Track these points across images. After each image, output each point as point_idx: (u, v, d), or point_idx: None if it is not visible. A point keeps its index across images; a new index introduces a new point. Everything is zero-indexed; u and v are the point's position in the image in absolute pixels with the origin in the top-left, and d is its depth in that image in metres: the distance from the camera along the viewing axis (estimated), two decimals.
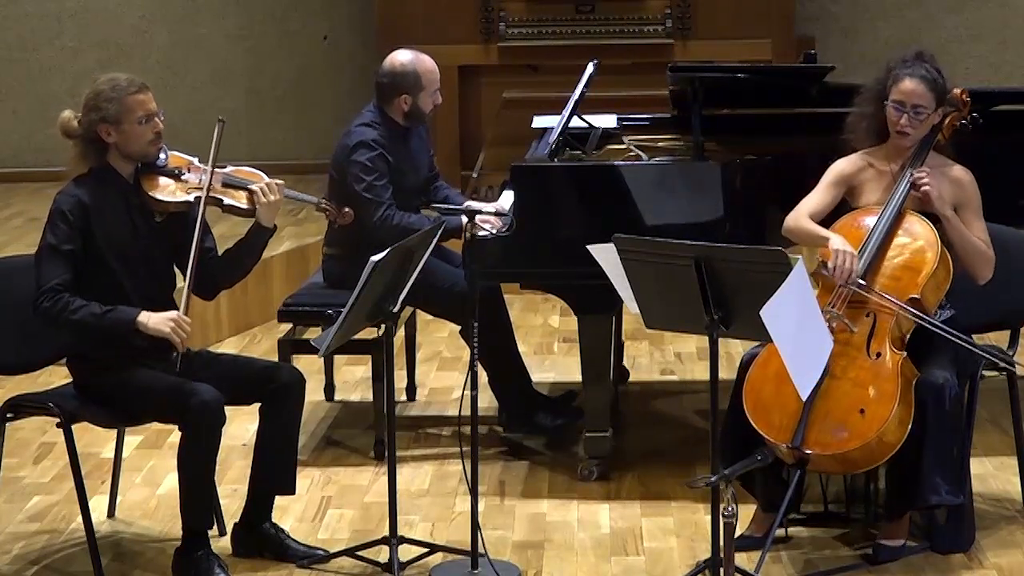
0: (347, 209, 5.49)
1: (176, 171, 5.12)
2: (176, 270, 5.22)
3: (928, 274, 5.01)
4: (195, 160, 5.18)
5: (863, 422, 4.82)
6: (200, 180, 5.11)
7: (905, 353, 4.94)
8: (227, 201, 5.15)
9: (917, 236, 5.08)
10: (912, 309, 4.94)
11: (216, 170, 5.14)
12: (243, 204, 5.17)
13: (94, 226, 4.99)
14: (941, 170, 5.18)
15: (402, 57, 6.28)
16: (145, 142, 5.05)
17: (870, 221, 5.12)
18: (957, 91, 5.28)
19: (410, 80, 6.21)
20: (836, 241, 5.05)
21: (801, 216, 5.21)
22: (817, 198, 5.26)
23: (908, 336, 5.00)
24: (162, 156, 5.11)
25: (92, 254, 4.99)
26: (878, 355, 4.92)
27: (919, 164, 5.15)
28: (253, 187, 5.18)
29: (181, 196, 5.09)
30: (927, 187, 5.06)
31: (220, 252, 5.23)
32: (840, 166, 5.29)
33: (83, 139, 5.05)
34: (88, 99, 5.04)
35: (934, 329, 4.94)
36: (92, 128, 5.02)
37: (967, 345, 4.97)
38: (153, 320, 4.94)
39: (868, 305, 5.00)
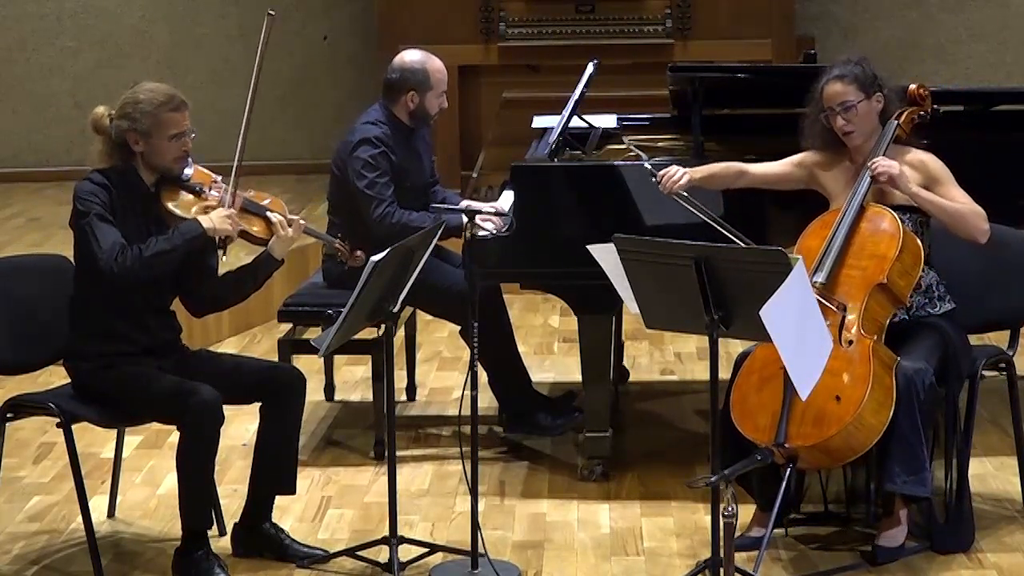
0: (359, 253, 5.36)
1: (198, 187, 5.07)
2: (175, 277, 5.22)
3: (892, 259, 5.04)
4: (219, 179, 5.11)
5: (840, 408, 4.84)
6: (220, 200, 5.05)
7: (877, 337, 4.96)
8: (243, 227, 5.08)
9: (880, 225, 5.12)
10: (863, 311, 4.98)
11: (238, 192, 5.09)
12: (258, 233, 5.12)
13: (116, 218, 4.98)
14: (902, 157, 5.22)
15: (413, 55, 6.30)
16: (170, 159, 5.02)
17: (835, 219, 5.16)
18: (913, 87, 5.34)
19: (419, 77, 6.22)
20: (698, 169, 5.32)
21: (733, 161, 5.41)
22: (772, 165, 5.43)
23: (886, 324, 5.03)
24: (187, 171, 5.07)
25: None
26: (850, 343, 4.95)
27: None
28: (272, 216, 5.13)
29: (197, 215, 5.03)
30: (883, 169, 5.09)
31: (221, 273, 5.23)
32: (809, 153, 5.38)
33: (110, 139, 5.05)
34: (125, 104, 5.01)
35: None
36: (121, 134, 5.01)
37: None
38: (216, 220, 4.97)
39: (836, 296, 5.02)
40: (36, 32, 10.82)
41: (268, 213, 5.14)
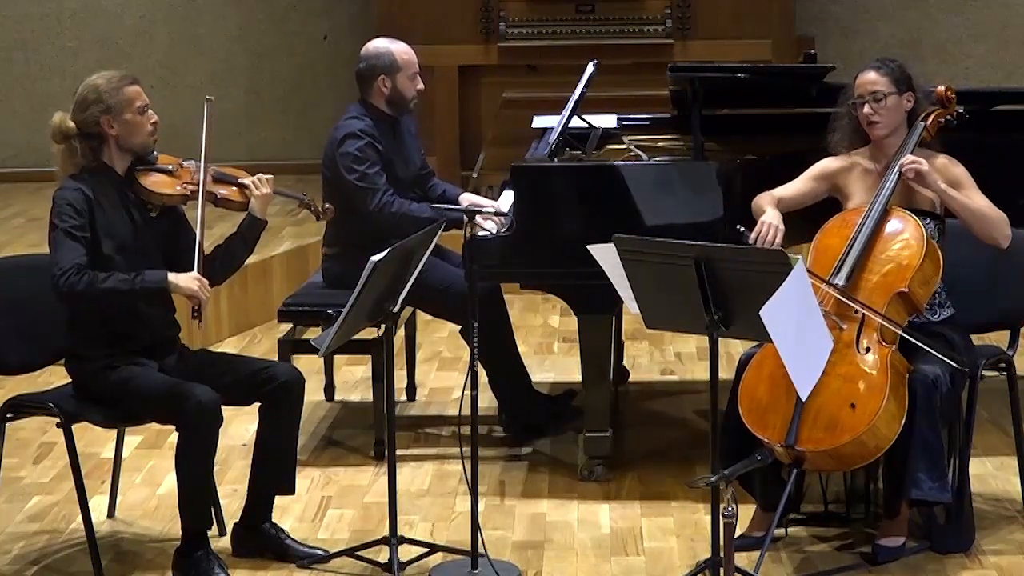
0: (328, 205, 5.50)
1: (168, 168, 5.17)
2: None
3: (915, 267, 5.02)
4: (183, 161, 5.23)
5: (854, 416, 4.83)
6: (193, 176, 5.16)
7: (895, 347, 4.95)
8: (221, 194, 5.20)
9: (903, 231, 5.10)
10: (885, 315, 4.96)
11: (209, 166, 5.19)
12: (236, 197, 5.24)
13: (96, 217, 5.01)
14: (927, 160, 5.20)
15: (377, 43, 6.33)
16: (146, 133, 5.10)
17: (857, 220, 5.14)
18: (941, 88, 5.34)
19: (385, 60, 6.23)
20: (769, 215, 5.19)
21: (766, 194, 5.31)
22: (795, 186, 5.35)
23: (901, 331, 5.02)
24: (153, 154, 5.17)
25: (96, 245, 4.99)
26: (867, 350, 4.94)
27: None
28: (244, 181, 5.24)
29: (177, 189, 5.13)
30: (913, 165, 5.08)
31: (209, 251, 5.24)
32: (826, 162, 5.35)
33: (80, 136, 5.06)
34: (87, 94, 5.06)
35: (902, 334, 4.95)
36: (95, 120, 5.03)
37: (934, 352, 4.97)
38: (182, 279, 4.98)
39: (858, 298, 5.01)
40: (36, 32, 10.82)
41: (240, 180, 5.24)
